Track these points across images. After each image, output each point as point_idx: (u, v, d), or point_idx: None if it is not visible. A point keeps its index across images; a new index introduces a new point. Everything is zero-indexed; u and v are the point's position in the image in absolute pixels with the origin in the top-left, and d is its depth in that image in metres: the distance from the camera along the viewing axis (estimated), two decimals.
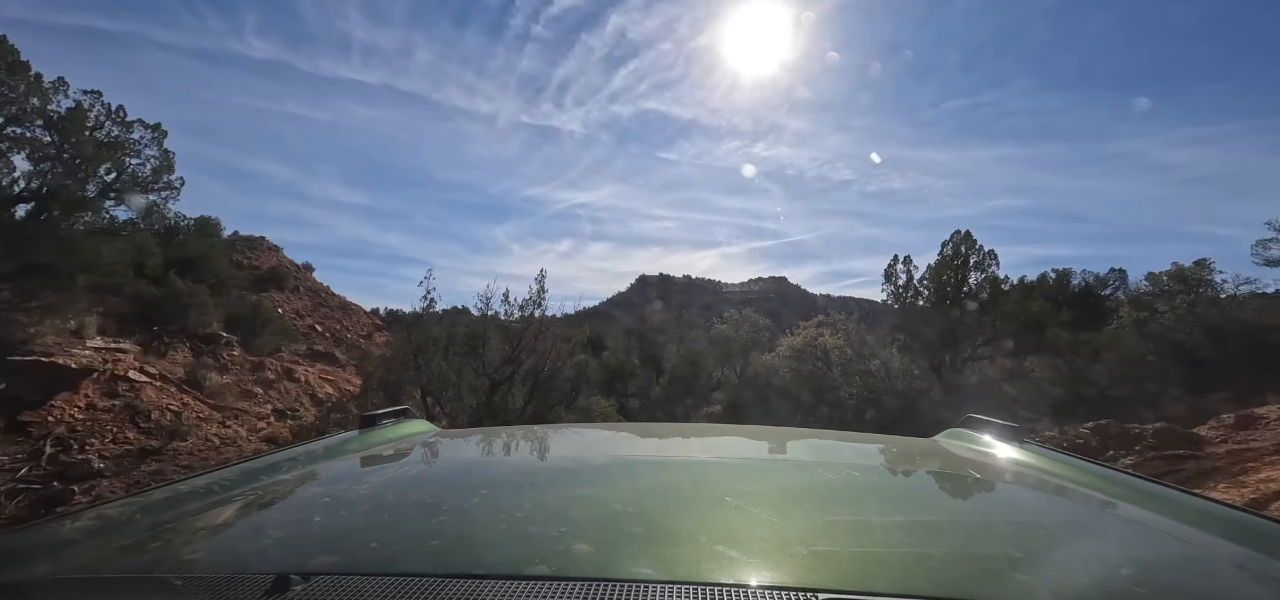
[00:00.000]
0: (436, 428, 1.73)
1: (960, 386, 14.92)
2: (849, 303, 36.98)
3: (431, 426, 1.73)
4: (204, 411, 10.88)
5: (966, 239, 15.53)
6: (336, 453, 1.38)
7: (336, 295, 33.26)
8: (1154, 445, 7.16)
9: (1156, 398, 17.85)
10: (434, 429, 1.71)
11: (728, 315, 18.35)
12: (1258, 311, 18.39)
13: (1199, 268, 19.54)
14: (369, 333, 29.49)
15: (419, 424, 1.73)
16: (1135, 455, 7.07)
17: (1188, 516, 0.98)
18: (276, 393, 15.17)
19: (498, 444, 1.55)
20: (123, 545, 0.84)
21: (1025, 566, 0.75)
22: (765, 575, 0.66)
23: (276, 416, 13.88)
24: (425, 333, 11.41)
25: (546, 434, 1.83)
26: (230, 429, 10.54)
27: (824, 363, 15.86)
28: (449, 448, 1.48)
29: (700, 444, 1.66)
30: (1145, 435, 7.49)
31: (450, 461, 1.37)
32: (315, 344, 24.50)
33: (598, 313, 35.38)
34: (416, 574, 0.64)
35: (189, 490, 1.07)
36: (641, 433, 1.92)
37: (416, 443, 1.51)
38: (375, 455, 1.36)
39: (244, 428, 11.17)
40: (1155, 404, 17.29)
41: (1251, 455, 6.59)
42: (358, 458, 1.34)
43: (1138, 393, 18.38)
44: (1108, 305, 24.27)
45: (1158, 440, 7.25)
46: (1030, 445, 1.42)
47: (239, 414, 11.86)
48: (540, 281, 11.53)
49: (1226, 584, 0.78)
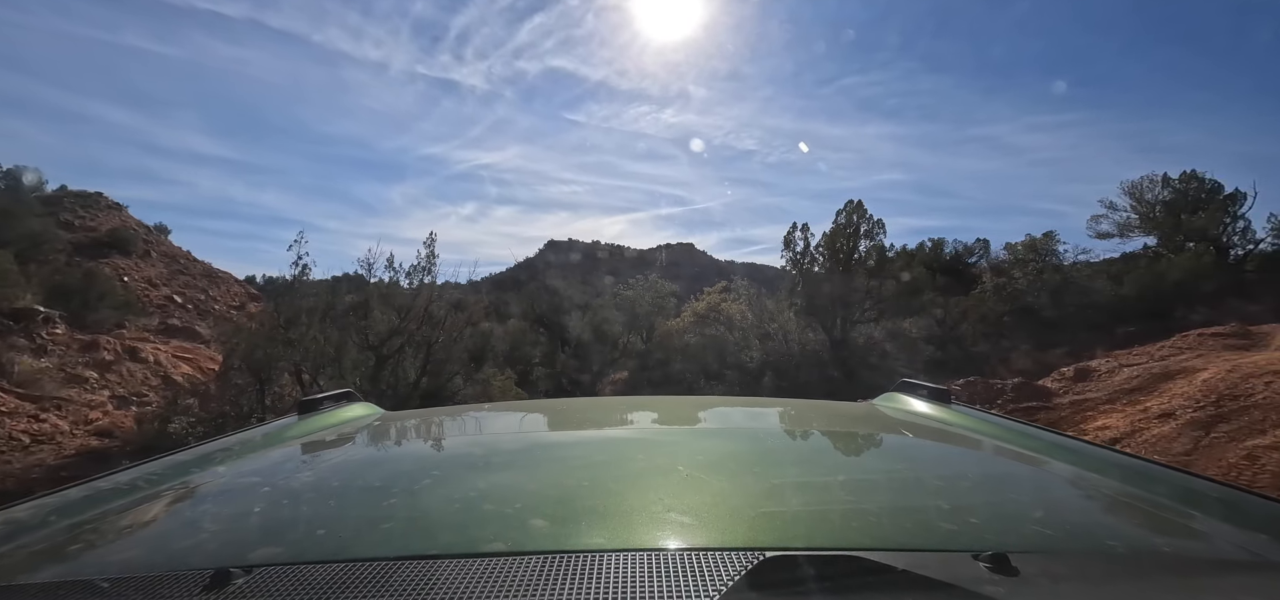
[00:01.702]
0: (380, 410, 1.67)
1: (849, 348, 15.89)
2: (753, 269, 38.44)
3: (375, 409, 1.66)
4: (7, 404, 9.04)
5: (858, 208, 16.36)
6: (275, 440, 1.32)
7: (200, 261, 29.40)
8: (1012, 399, 7.87)
9: (1009, 353, 20.24)
10: (378, 411, 1.65)
11: (634, 281, 18.24)
12: (1088, 277, 21.28)
13: (1046, 239, 22.12)
14: (242, 303, 26.28)
15: (361, 407, 1.66)
16: (997, 408, 7.75)
17: (1089, 464, 1.08)
18: (116, 376, 13.07)
19: (444, 425, 1.54)
20: (37, 550, 0.77)
21: (953, 516, 0.80)
22: (714, 538, 0.70)
23: (117, 405, 11.95)
24: (296, 302, 10.19)
25: (492, 414, 1.81)
26: (46, 423, 8.86)
27: (727, 328, 16.23)
28: (394, 430, 1.45)
29: (648, 415, 1.66)
30: (1006, 390, 8.22)
31: (396, 444, 1.35)
32: (172, 317, 21.55)
33: (505, 279, 34.23)
34: (367, 559, 0.62)
35: (110, 487, 0.98)
36: (589, 408, 1.93)
37: (360, 426, 1.46)
38: (316, 441, 1.31)
39: (68, 421, 9.46)
40: (1008, 359, 19.63)
41: (1089, 405, 7.42)
42: (298, 444, 1.29)
43: (994, 350, 20.74)
44: (973, 272, 27.02)
45: (1016, 394, 7.97)
46: (956, 407, 1.50)
47: (62, 404, 10.04)
48: (430, 244, 10.61)
49: (1122, 520, 0.88)
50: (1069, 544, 0.74)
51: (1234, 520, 0.83)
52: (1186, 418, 5.75)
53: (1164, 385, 7.55)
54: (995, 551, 0.60)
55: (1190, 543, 0.82)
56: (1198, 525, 0.86)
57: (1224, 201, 20.96)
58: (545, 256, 55.12)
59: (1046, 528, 0.79)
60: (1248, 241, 21.03)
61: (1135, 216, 23.15)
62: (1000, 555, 0.59)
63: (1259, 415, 5.29)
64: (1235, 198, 20.91)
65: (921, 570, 0.57)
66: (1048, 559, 0.67)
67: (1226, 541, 0.79)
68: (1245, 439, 4.70)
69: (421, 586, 0.56)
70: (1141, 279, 19.04)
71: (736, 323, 16.20)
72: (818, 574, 0.57)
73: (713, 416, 1.66)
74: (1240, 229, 21.02)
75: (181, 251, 29.24)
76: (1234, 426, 5.15)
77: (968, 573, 0.58)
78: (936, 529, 0.76)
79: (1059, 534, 0.77)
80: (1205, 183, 21.49)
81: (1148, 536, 0.82)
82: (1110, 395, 7.57)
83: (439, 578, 0.57)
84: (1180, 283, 18.15)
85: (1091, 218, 24.50)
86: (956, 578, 0.56)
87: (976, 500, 0.90)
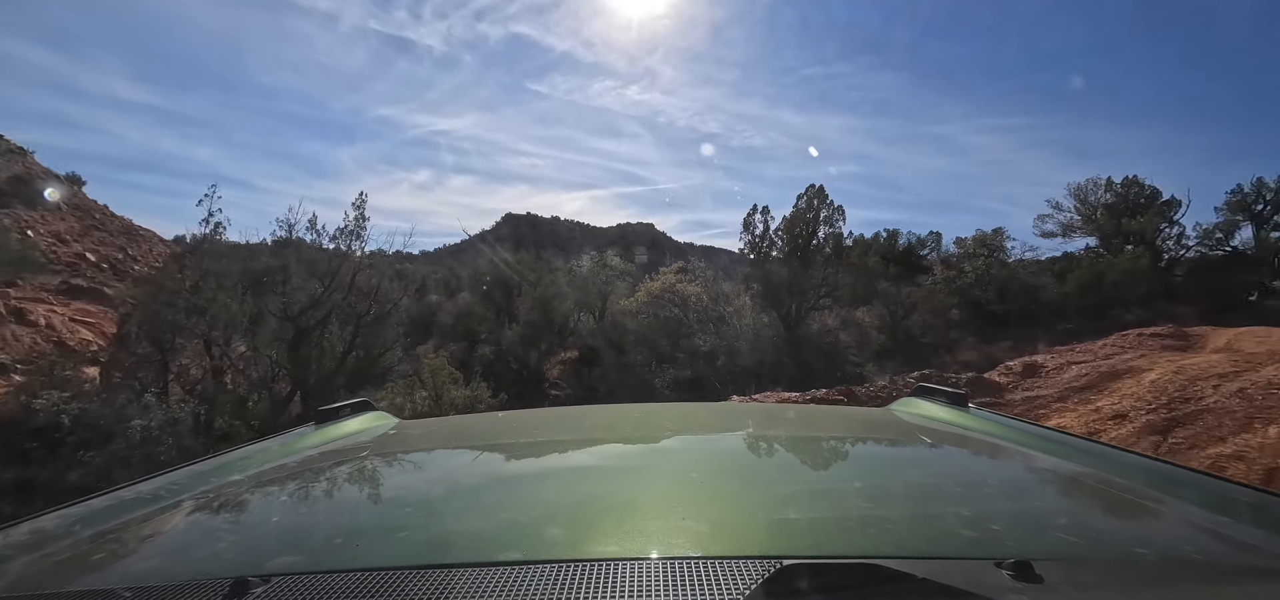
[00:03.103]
0: (396, 420, 1.64)
1: (803, 333, 15.75)
2: (711, 252, 38.26)
3: (392, 418, 1.64)
4: None
5: (820, 194, 16.14)
6: (292, 449, 1.30)
7: (119, 217, 26.93)
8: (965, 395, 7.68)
9: (956, 344, 20.81)
10: (394, 421, 1.62)
11: (588, 257, 17.54)
12: (1034, 274, 21.96)
13: (996, 235, 22.63)
14: (166, 265, 24.25)
15: (378, 416, 1.63)
16: None
17: (1113, 468, 1.05)
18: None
19: (459, 433, 1.56)
20: (62, 559, 0.78)
21: (974, 523, 0.79)
22: (730, 546, 0.70)
23: None
24: (204, 264, 9.11)
25: (507, 421, 1.82)
26: None
27: (681, 309, 15.81)
28: (410, 439, 1.43)
29: (664, 422, 1.62)
30: (959, 385, 8.04)
31: (412, 453, 1.32)
32: (78, 276, 19.59)
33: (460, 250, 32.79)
34: (384, 567, 0.63)
35: (133, 497, 0.99)
36: (605, 415, 1.92)
37: (376, 435, 1.43)
38: (333, 450, 1.31)
39: None
40: (955, 351, 20.17)
41: (1041, 403, 7.31)
42: (315, 453, 1.28)
43: (942, 340, 21.27)
44: (925, 264, 27.58)
45: (969, 389, 7.78)
46: (974, 411, 1.48)
47: None
48: (359, 206, 9.60)
49: (1150, 526, 0.87)
50: (1095, 551, 0.72)
51: (1267, 526, 0.80)
52: (1141, 421, 5.63)
53: (1112, 384, 7.52)
54: (1018, 559, 0.58)
55: (1222, 549, 0.77)
56: (1229, 531, 0.82)
57: (1162, 207, 21.83)
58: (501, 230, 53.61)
59: (1071, 535, 0.76)
60: (1181, 246, 22.03)
61: (1078, 218, 23.94)
62: (1023, 563, 0.58)
63: (1213, 421, 5.18)
64: (1171, 204, 21.81)
65: (942, 578, 0.56)
66: (1073, 567, 0.65)
67: (1260, 548, 0.76)
68: (1207, 446, 4.55)
69: (438, 595, 0.56)
70: (1083, 277, 19.65)
71: (691, 304, 15.79)
72: (835, 582, 0.57)
73: (728, 422, 1.65)
74: (1176, 235, 21.98)
75: (97, 205, 26.69)
76: (1192, 432, 5.02)
77: (990, 581, 0.56)
78: (957, 536, 0.75)
79: (1084, 541, 0.75)
80: (1145, 188, 22.35)
81: (1177, 543, 0.80)
82: (1061, 393, 7.50)
83: (455, 587, 0.57)
84: (1118, 283, 18.80)
85: (1038, 217, 25.29)
86: (978, 586, 0.54)
87: (998, 507, 0.89)
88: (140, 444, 7.65)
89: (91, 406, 7.87)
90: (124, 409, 8.35)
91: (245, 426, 8.81)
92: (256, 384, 9.39)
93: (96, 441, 7.32)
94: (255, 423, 8.86)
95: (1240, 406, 5.49)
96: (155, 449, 7.68)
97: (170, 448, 7.78)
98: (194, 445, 7.99)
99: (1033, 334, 18.25)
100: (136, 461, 7.32)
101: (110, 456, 7.35)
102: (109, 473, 6.78)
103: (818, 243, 16.13)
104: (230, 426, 8.67)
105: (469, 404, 10.27)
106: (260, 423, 8.88)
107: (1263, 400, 5.61)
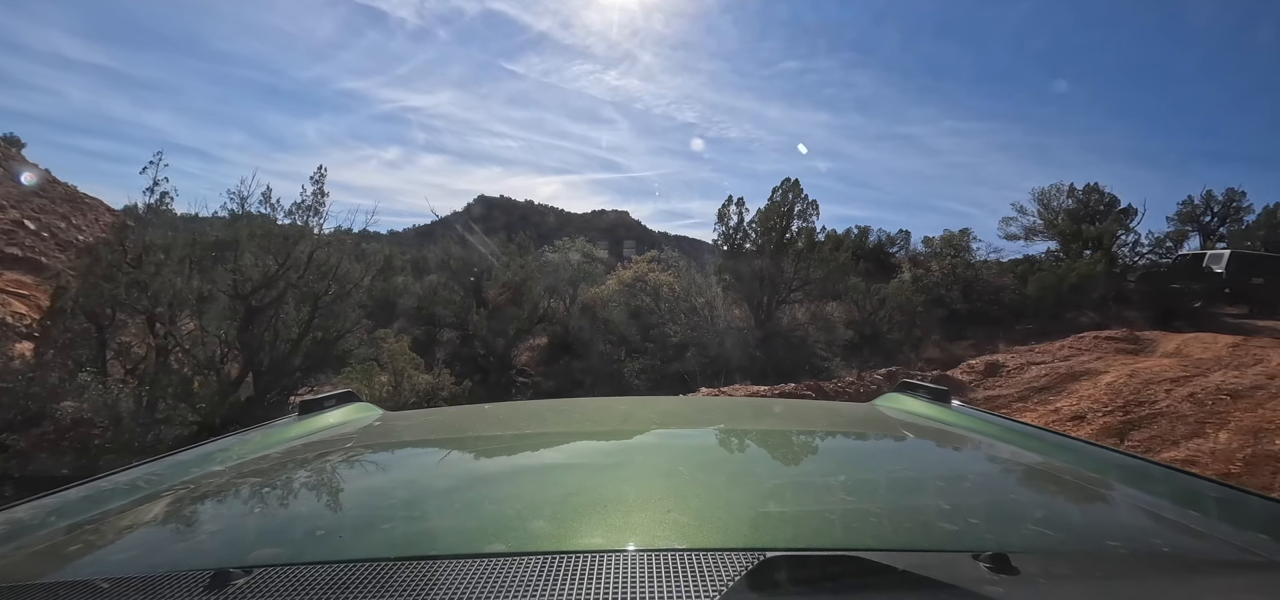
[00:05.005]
0: (380, 410, 1.61)
1: (774, 327, 15.81)
2: (685, 242, 38.23)
3: (376, 410, 1.61)
4: None
5: (795, 187, 16.16)
6: (275, 440, 1.29)
7: (63, 184, 25.43)
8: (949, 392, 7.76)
9: (920, 342, 21.33)
10: (378, 412, 1.60)
11: (560, 243, 17.27)
12: (997, 275, 22.57)
13: (962, 235, 23.15)
14: (107, 235, 22.99)
15: (363, 407, 1.61)
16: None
17: (1089, 463, 1.08)
18: None
19: (444, 425, 1.54)
20: (36, 551, 0.76)
21: (953, 516, 0.79)
22: (715, 538, 0.69)
23: None
24: (148, 236, 8.57)
25: (493, 413, 1.78)
26: None
27: (653, 299, 15.68)
28: (394, 430, 1.43)
29: (649, 415, 1.61)
30: (925, 381, 8.11)
31: (396, 444, 1.33)
32: (14, 244, 18.41)
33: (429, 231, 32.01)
34: (367, 559, 0.62)
35: (110, 487, 0.97)
36: (590, 408, 1.92)
37: (360, 426, 1.44)
38: (317, 441, 1.29)
39: None
40: (919, 347, 20.68)
41: (1003, 403, 7.42)
42: (298, 444, 1.27)
43: (906, 337, 21.77)
44: (893, 261, 28.10)
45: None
46: (957, 407, 1.49)
47: None
48: (318, 180, 9.14)
49: (1122, 520, 0.89)
50: (1069, 544, 0.74)
51: (1234, 520, 0.82)
52: (1099, 423, 5.74)
53: (1071, 386, 7.69)
54: (995, 551, 0.60)
55: (1191, 543, 0.79)
56: (1198, 525, 0.83)
57: (1120, 214, 22.62)
58: (473, 211, 52.56)
59: (1047, 528, 0.79)
60: (1136, 254, 22.89)
61: (1041, 221, 24.65)
62: (1000, 555, 0.59)
63: (1167, 426, 5.30)
64: (1129, 212, 22.61)
65: (922, 570, 0.57)
66: (1048, 559, 0.67)
67: (1227, 542, 0.78)
68: (1161, 450, 4.64)
69: (422, 587, 0.56)
70: (1044, 280, 20.25)
71: (663, 294, 15.67)
72: (819, 574, 0.57)
73: (714, 416, 1.66)
74: (1131, 242, 22.83)
75: (38, 168, 25.15)
76: (1146, 435, 5.13)
77: (968, 573, 0.57)
78: (937, 529, 0.76)
79: (1059, 534, 0.76)
80: (1104, 195, 23.12)
81: (1148, 537, 0.81)
82: (1022, 393, 7.64)
83: (439, 578, 0.57)
84: (1076, 287, 19.42)
85: (1003, 219, 25.98)
86: (957, 578, 0.55)
87: (977, 500, 0.91)
88: (71, 427, 7.16)
89: (17, 385, 7.33)
90: (56, 388, 7.83)
91: (190, 409, 8.36)
92: (204, 364, 8.92)
93: (20, 424, 6.82)
94: (201, 405, 8.42)
95: (1192, 411, 5.64)
96: (88, 432, 7.21)
97: (105, 431, 7.32)
98: (133, 429, 7.53)
99: (993, 333, 18.80)
100: (66, 446, 6.85)
101: (37, 439, 6.87)
102: (32, 457, 6.32)
103: (791, 236, 16.17)
104: (174, 410, 8.20)
105: (430, 390, 9.97)
106: (207, 405, 8.45)
107: (1212, 405, 5.78)
